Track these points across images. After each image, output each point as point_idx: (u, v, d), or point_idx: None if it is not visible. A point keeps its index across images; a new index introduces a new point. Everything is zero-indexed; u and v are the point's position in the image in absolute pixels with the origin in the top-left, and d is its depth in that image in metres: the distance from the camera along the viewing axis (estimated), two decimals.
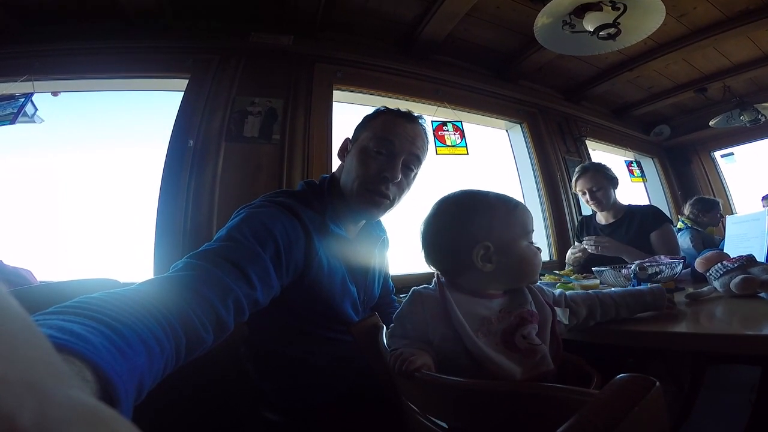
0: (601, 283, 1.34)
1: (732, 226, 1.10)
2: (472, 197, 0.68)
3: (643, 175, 3.57)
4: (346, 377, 0.84)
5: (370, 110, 0.98)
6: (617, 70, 2.82)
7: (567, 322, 0.73)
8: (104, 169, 1.94)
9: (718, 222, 2.90)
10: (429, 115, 2.42)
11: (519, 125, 2.87)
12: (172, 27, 1.86)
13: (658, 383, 0.35)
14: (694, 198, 2.95)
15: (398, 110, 0.94)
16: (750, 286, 0.81)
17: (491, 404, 0.47)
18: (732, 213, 3.74)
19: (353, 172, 0.88)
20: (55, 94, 1.86)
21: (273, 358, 0.87)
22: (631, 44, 1.84)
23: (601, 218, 1.99)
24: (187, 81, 1.85)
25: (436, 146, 2.30)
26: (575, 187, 2.03)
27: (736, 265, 0.85)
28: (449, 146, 2.35)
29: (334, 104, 2.13)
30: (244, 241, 0.66)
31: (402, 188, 0.92)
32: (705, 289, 0.92)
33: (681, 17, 2.21)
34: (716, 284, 0.91)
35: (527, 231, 0.67)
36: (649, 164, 3.89)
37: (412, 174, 0.94)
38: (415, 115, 0.95)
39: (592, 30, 1.66)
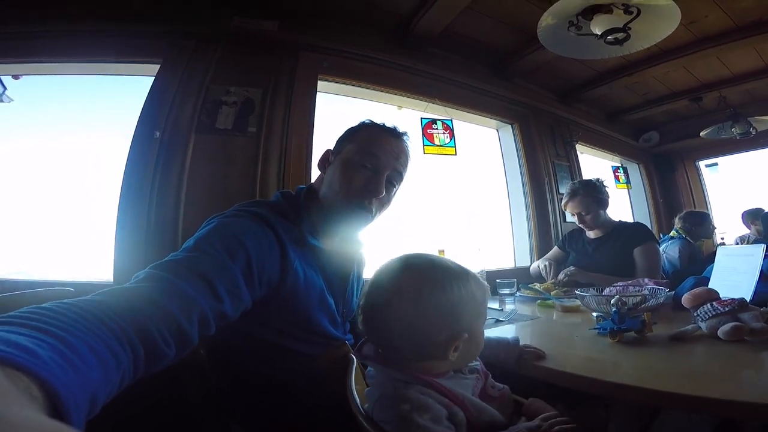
0: (581, 305, 1.31)
1: (723, 258, 1.06)
2: (450, 278, 0.61)
3: (628, 182, 3.57)
4: (319, 395, 0.81)
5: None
6: (616, 75, 2.75)
7: None
8: (61, 160, 1.79)
9: (712, 233, 2.93)
10: (419, 110, 2.32)
11: (510, 126, 2.79)
12: (146, 10, 1.69)
13: None
14: (684, 212, 2.97)
15: (383, 125, 0.94)
16: (739, 334, 0.78)
17: None
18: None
19: (336, 184, 0.88)
20: (16, 77, 1.69)
21: (244, 374, 0.85)
22: (637, 50, 1.77)
23: (590, 233, 2.03)
24: (158, 66, 1.69)
25: (423, 145, 2.21)
26: (565, 207, 2.05)
27: (726, 309, 0.81)
28: (437, 146, 2.27)
29: (318, 95, 2.00)
30: (213, 252, 0.64)
31: (383, 204, 0.92)
32: (689, 327, 0.90)
33: (690, 24, 2.12)
34: (703, 326, 0.87)
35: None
36: (634, 170, 3.90)
37: (394, 190, 0.94)
38: (400, 131, 0.95)
39: (599, 33, 1.57)
